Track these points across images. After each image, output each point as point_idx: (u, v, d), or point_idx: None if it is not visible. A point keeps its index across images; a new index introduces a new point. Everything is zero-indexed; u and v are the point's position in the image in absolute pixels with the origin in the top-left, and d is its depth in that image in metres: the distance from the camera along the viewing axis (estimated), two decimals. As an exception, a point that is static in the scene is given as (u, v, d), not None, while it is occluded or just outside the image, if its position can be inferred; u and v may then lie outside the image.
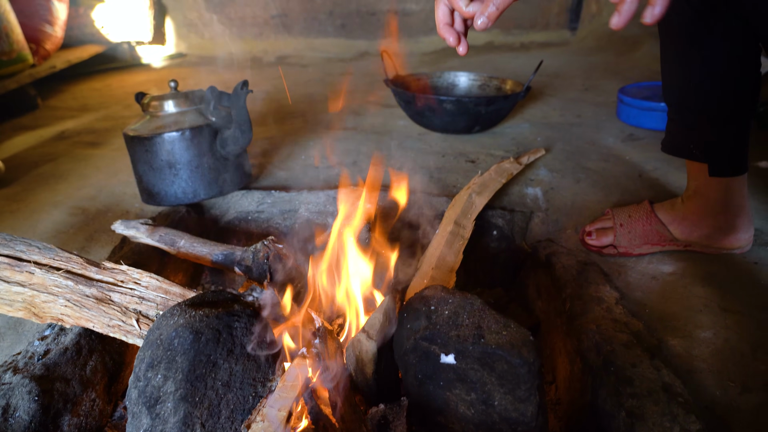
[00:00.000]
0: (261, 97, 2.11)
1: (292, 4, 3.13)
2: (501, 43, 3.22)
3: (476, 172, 1.25)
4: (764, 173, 1.24)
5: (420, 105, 1.44)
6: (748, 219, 0.90)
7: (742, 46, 0.80)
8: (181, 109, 1.08)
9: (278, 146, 1.50)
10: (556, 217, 1.10)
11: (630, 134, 1.52)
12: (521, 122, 1.65)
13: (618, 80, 2.16)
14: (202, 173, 1.08)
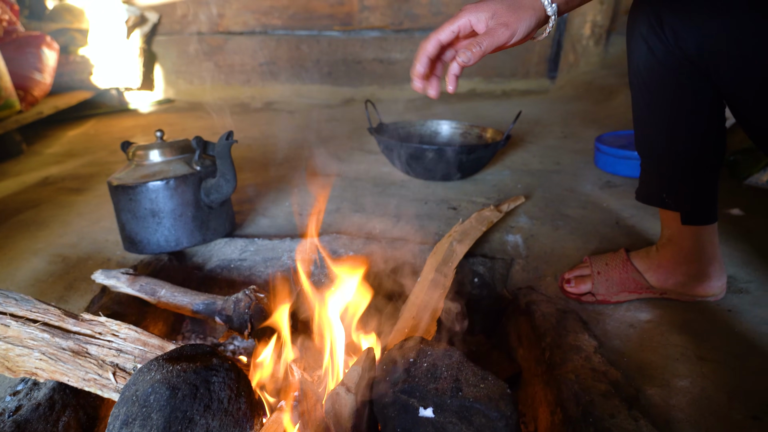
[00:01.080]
0: (247, 143, 2.14)
1: (279, 52, 3.22)
2: (483, 90, 3.32)
3: (458, 219, 1.28)
4: (736, 220, 1.28)
5: (403, 153, 1.47)
6: (720, 267, 0.93)
7: (708, 101, 0.84)
8: (166, 158, 1.09)
9: (263, 193, 1.52)
10: (536, 265, 1.12)
11: (607, 181, 1.56)
12: (502, 169, 1.70)
13: (595, 128, 2.24)
14: (186, 221, 1.08)
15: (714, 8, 0.72)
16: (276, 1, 3.12)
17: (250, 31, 3.18)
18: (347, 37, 3.21)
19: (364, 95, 3.24)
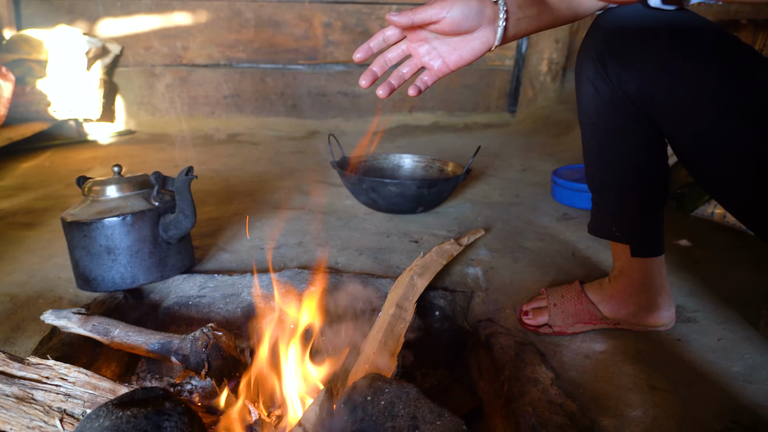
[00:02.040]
0: (210, 175, 2.12)
1: (244, 85, 3.23)
2: (446, 123, 3.40)
3: (419, 252, 1.29)
4: (684, 251, 1.34)
5: (365, 187, 1.49)
6: (668, 297, 0.97)
7: (652, 140, 0.88)
8: (123, 194, 1.08)
9: (224, 227, 1.50)
10: (496, 297, 1.14)
11: (564, 213, 1.61)
12: (463, 202, 1.73)
13: (553, 161, 2.31)
14: (142, 258, 1.06)
15: (650, 58, 0.78)
16: (241, 35, 3.15)
17: (215, 63, 3.19)
18: (312, 70, 3.25)
19: (329, 128, 3.27)
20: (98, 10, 3.03)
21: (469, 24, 0.65)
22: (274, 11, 3.12)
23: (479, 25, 0.65)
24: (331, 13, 3.15)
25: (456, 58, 0.68)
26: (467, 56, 0.68)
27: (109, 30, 3.06)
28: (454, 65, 0.69)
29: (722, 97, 0.73)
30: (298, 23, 3.16)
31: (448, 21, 0.64)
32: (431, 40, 0.69)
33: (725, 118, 0.73)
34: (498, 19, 0.65)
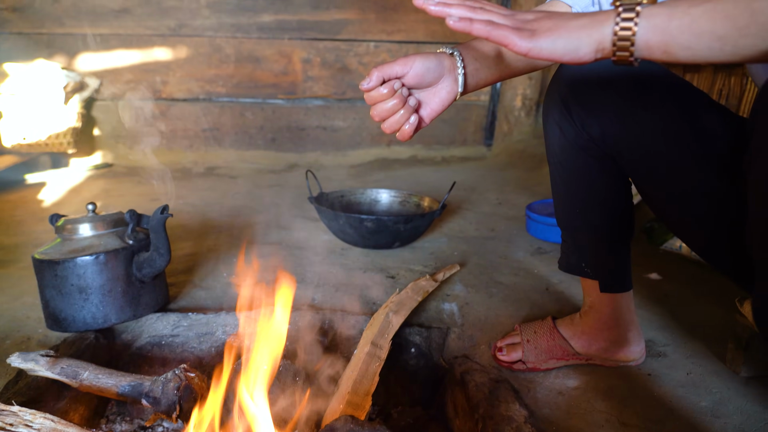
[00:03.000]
0: (187, 210, 2.11)
1: (224, 119, 3.25)
2: (424, 157, 3.45)
3: (396, 288, 1.30)
4: (654, 285, 1.37)
5: (342, 223, 1.50)
6: (638, 332, 0.99)
7: (616, 179, 0.92)
8: (97, 232, 1.07)
9: (200, 263, 1.49)
10: (471, 333, 1.14)
11: (538, 248, 1.64)
12: (440, 236, 1.75)
13: (528, 194, 2.36)
14: (115, 297, 1.05)
15: (611, 104, 0.81)
16: (221, 70, 3.19)
17: (194, 98, 3.21)
18: (291, 105, 3.29)
19: (308, 161, 3.30)
20: (77, 45, 3.04)
21: (432, 76, 0.71)
22: (254, 47, 3.17)
23: (441, 76, 0.71)
24: (310, 50, 3.21)
25: (428, 111, 0.74)
26: (437, 107, 0.73)
27: (88, 64, 3.07)
28: (428, 118, 0.74)
29: (679, 141, 0.76)
30: (277, 59, 3.21)
31: (412, 74, 0.70)
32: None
33: (682, 162, 0.77)
34: (456, 68, 0.71)
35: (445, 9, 0.57)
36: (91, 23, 3.02)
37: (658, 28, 0.51)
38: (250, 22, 3.13)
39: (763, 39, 0.48)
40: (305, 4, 3.14)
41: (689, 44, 0.51)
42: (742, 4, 0.48)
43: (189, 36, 3.11)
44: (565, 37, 0.54)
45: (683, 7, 0.51)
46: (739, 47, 0.50)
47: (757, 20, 0.47)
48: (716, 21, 0.49)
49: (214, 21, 3.10)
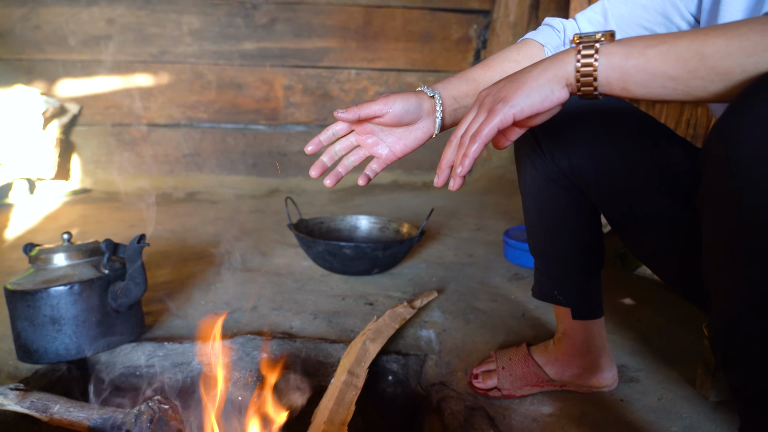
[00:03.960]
0: (166, 236, 2.10)
1: (204, 144, 3.26)
2: (405, 182, 3.48)
3: (374, 315, 1.30)
4: (628, 310, 1.39)
5: (321, 250, 1.51)
6: (609, 359, 1.01)
7: (586, 209, 0.94)
8: (72, 261, 1.06)
9: (178, 290, 1.48)
10: (448, 360, 1.15)
11: (515, 273, 1.66)
12: (419, 262, 1.77)
13: (506, 220, 2.40)
14: (89, 328, 1.04)
15: (578, 138, 0.85)
16: (203, 96, 3.20)
17: (175, 123, 3.22)
18: (273, 130, 3.31)
19: (290, 186, 3.31)
20: (58, 71, 3.04)
21: (410, 117, 0.72)
22: (236, 74, 3.20)
23: (419, 117, 0.73)
24: (292, 77, 3.25)
25: (402, 146, 0.76)
26: (411, 144, 0.75)
27: (68, 90, 3.07)
28: (401, 153, 0.76)
29: (643, 174, 0.79)
30: (259, 86, 3.24)
31: (390, 115, 0.71)
32: (378, 132, 0.76)
33: (648, 193, 0.80)
34: (435, 111, 0.73)
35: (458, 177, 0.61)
36: (72, 49, 3.02)
37: (616, 66, 0.54)
38: (232, 50, 3.17)
39: (712, 81, 0.51)
40: (287, 33, 3.20)
41: (645, 83, 0.54)
42: (693, 48, 0.51)
43: (171, 62, 3.13)
44: (534, 87, 0.56)
45: (640, 48, 0.53)
46: (690, 88, 0.52)
47: (706, 64, 0.50)
48: (669, 63, 0.52)
49: (197, 48, 3.13)
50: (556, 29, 0.86)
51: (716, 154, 0.51)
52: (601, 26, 0.85)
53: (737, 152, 0.48)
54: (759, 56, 0.48)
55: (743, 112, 0.48)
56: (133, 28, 3.05)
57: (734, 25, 0.50)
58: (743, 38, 0.49)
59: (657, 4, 0.81)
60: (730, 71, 0.50)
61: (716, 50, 0.50)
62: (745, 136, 0.47)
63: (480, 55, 3.45)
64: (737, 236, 0.51)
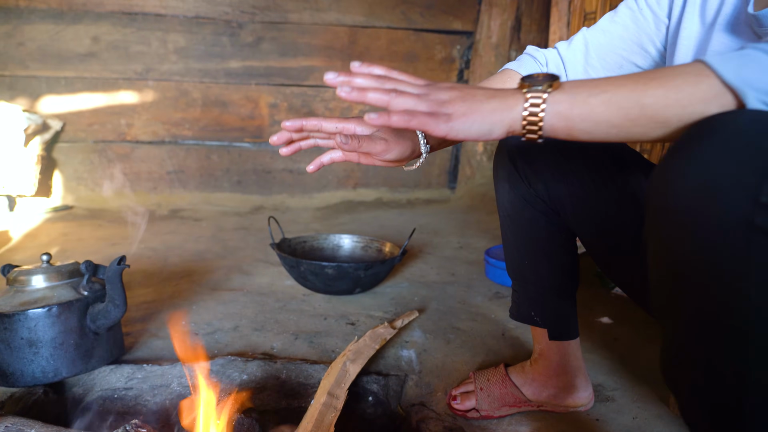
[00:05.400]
0: (147, 254, 2.09)
1: (189, 161, 3.25)
2: (389, 199, 3.51)
3: (355, 335, 1.31)
4: (605, 328, 1.42)
5: (303, 270, 1.51)
6: (585, 378, 1.02)
7: (562, 231, 0.97)
8: (51, 283, 1.06)
9: (158, 311, 1.48)
10: (429, 380, 1.16)
11: (496, 292, 1.68)
12: (401, 281, 1.78)
13: (488, 237, 2.43)
14: (67, 350, 1.03)
15: (553, 163, 0.88)
16: (187, 114, 3.21)
17: (160, 140, 3.22)
18: (258, 148, 3.32)
19: (274, 203, 3.31)
20: (41, 88, 3.03)
21: (400, 160, 0.74)
22: (221, 92, 3.22)
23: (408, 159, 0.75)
24: (277, 95, 3.28)
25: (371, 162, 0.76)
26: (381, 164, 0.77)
27: (51, 107, 3.06)
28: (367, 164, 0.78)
29: (614, 197, 0.82)
30: (244, 104, 3.26)
31: (387, 158, 0.73)
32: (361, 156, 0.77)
33: (619, 217, 0.82)
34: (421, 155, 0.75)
35: (361, 94, 0.58)
36: (56, 66, 3.02)
37: (561, 114, 0.56)
38: (218, 68, 3.19)
39: (652, 129, 0.54)
40: (273, 52, 3.23)
41: (589, 130, 0.56)
42: (633, 99, 0.54)
43: (156, 80, 3.14)
44: (479, 122, 0.57)
45: (584, 96, 0.56)
46: (632, 134, 0.56)
47: (645, 114, 0.53)
48: (611, 112, 0.55)
49: (182, 66, 3.15)
50: (538, 61, 0.89)
51: (652, 202, 0.55)
52: (583, 55, 0.89)
53: (670, 203, 0.51)
54: (693, 107, 0.51)
55: (676, 163, 0.51)
56: (118, 45, 3.06)
57: (672, 74, 0.53)
58: (678, 90, 0.52)
59: (632, 35, 0.85)
60: (668, 120, 0.53)
61: (655, 101, 0.53)
62: (676, 189, 0.50)
63: (463, 74, 3.51)
64: (671, 284, 0.54)
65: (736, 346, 0.49)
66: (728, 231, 0.47)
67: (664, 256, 0.55)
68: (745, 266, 0.46)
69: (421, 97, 0.58)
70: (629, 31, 0.85)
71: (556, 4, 2.60)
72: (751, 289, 0.47)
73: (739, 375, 0.49)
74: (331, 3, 3.24)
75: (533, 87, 0.57)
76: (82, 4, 2.97)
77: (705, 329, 0.51)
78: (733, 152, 0.47)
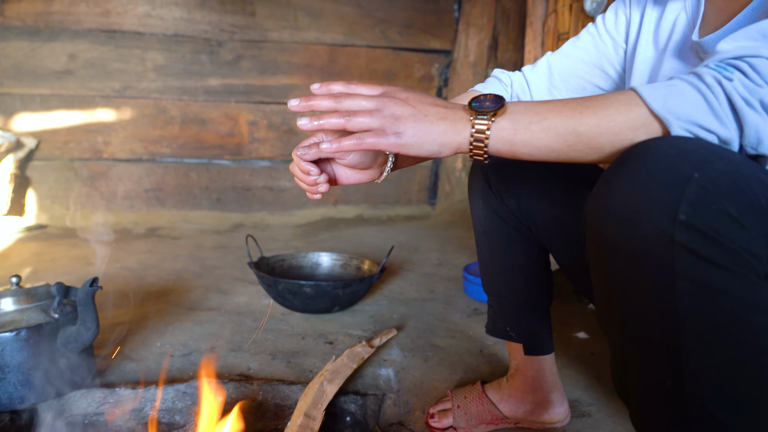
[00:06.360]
0: (123, 274, 2.06)
1: (167, 179, 3.23)
2: (370, 216, 3.51)
3: (333, 354, 1.30)
4: (582, 343, 1.43)
5: (281, 289, 1.50)
6: (561, 394, 1.03)
7: (536, 248, 0.98)
8: (20, 306, 1.04)
9: (133, 332, 1.45)
10: (407, 398, 1.16)
11: (474, 309, 1.69)
12: (380, 298, 1.78)
13: (467, 254, 2.44)
14: (35, 375, 1.01)
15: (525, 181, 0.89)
16: (166, 131, 3.19)
17: (137, 158, 3.19)
18: (237, 165, 3.31)
19: (254, 221, 3.29)
20: (15, 105, 2.99)
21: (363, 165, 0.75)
22: (200, 109, 3.21)
23: (371, 167, 0.76)
24: (256, 112, 3.28)
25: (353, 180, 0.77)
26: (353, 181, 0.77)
27: (26, 124, 3.01)
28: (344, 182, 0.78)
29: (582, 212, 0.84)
30: (224, 121, 3.25)
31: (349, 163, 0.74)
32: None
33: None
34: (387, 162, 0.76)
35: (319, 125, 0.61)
36: (31, 84, 2.98)
37: (505, 139, 0.60)
38: (197, 86, 3.18)
39: (588, 154, 0.59)
40: (253, 70, 3.24)
41: (531, 153, 0.61)
42: (569, 126, 0.58)
43: (134, 98, 3.12)
44: (429, 143, 0.61)
45: (525, 123, 0.60)
46: (571, 157, 0.60)
47: (581, 140, 0.58)
48: (550, 138, 0.59)
49: (161, 84, 3.14)
50: (503, 83, 0.92)
51: (588, 225, 0.59)
52: (547, 78, 0.92)
53: (602, 225, 0.55)
54: (624, 134, 0.56)
55: (605, 188, 0.55)
56: (96, 63, 3.04)
57: (605, 102, 0.57)
58: (610, 118, 0.56)
59: (593, 58, 0.89)
60: (602, 146, 0.57)
61: (589, 129, 0.57)
62: (606, 211, 0.54)
63: (442, 92, 3.56)
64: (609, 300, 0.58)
65: (671, 357, 0.52)
66: (653, 248, 0.50)
67: (601, 274, 0.58)
68: (670, 280, 0.50)
69: (374, 114, 0.61)
70: (590, 55, 0.89)
71: (531, 25, 2.66)
72: (677, 301, 0.50)
73: (678, 385, 0.52)
74: (310, 22, 3.27)
75: (479, 116, 0.60)
76: (59, 22, 2.95)
77: (641, 342, 0.55)
78: (653, 175, 0.50)
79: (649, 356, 0.54)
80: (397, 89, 0.64)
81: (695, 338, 0.50)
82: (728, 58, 0.54)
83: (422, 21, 3.43)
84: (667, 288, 0.50)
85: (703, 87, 0.52)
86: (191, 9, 3.10)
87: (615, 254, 0.54)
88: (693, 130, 0.53)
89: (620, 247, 0.53)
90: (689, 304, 0.50)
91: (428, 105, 0.62)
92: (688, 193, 0.48)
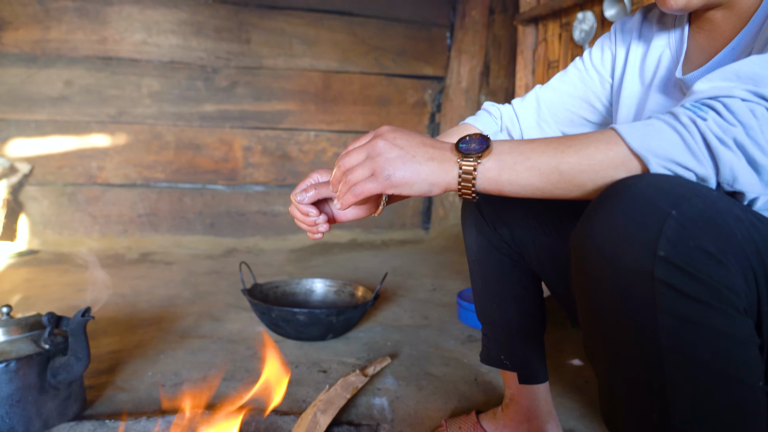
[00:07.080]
0: (115, 301, 2.04)
1: (161, 204, 3.22)
2: (364, 240, 3.52)
3: (327, 383, 1.29)
4: (576, 371, 1.43)
5: (274, 316, 1.50)
6: (555, 423, 1.03)
7: (528, 276, 0.99)
8: (10, 337, 1.03)
9: (124, 361, 1.43)
10: (401, 429, 1.15)
11: (469, 336, 1.68)
12: (374, 325, 1.77)
13: (462, 279, 2.44)
14: (24, 407, 0.99)
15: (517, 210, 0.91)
16: (160, 156, 3.20)
17: (131, 183, 3.19)
18: (231, 190, 3.32)
19: (248, 245, 3.29)
20: (10, 130, 2.99)
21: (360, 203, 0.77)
22: (195, 135, 3.23)
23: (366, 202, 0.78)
24: (251, 138, 3.30)
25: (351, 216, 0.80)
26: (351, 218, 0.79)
27: (20, 150, 3.01)
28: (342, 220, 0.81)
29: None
30: (218, 146, 3.27)
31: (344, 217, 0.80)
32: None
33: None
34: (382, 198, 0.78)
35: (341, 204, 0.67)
36: (26, 109, 3.00)
37: (492, 180, 0.62)
38: (192, 112, 3.20)
39: (571, 191, 0.60)
40: (247, 96, 3.27)
41: (517, 192, 0.62)
42: (552, 165, 0.59)
43: (129, 123, 3.14)
44: (419, 184, 0.63)
45: (510, 164, 0.61)
46: (555, 195, 0.62)
47: (564, 178, 0.59)
48: (534, 177, 0.60)
49: (156, 110, 3.16)
50: (493, 116, 0.95)
51: (572, 260, 0.60)
52: (535, 111, 0.95)
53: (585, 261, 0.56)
54: (604, 172, 0.57)
55: (587, 225, 0.56)
56: (92, 89, 3.06)
57: (586, 141, 0.59)
58: (591, 157, 0.58)
59: (580, 92, 0.91)
60: (584, 184, 0.59)
61: (571, 167, 0.59)
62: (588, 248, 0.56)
63: (435, 117, 3.60)
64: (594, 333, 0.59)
65: (656, 391, 0.53)
66: (633, 283, 0.52)
67: (586, 308, 0.59)
68: (652, 314, 0.51)
69: (365, 163, 0.64)
70: (577, 89, 0.91)
71: (522, 53, 2.71)
72: (660, 336, 0.51)
73: (664, 419, 0.53)
74: (305, 49, 3.32)
75: (465, 158, 0.62)
76: (56, 49, 2.98)
77: (627, 375, 0.56)
78: (633, 212, 0.52)
79: (635, 389, 0.55)
80: (386, 129, 0.66)
81: (678, 372, 0.51)
82: (703, 98, 0.56)
83: (415, 48, 3.49)
84: (649, 322, 0.51)
85: (680, 126, 0.54)
86: (187, 36, 3.14)
87: (598, 289, 0.55)
88: (671, 168, 0.54)
89: (603, 282, 0.54)
90: (671, 338, 0.50)
91: (416, 145, 0.64)
92: (666, 229, 0.49)
